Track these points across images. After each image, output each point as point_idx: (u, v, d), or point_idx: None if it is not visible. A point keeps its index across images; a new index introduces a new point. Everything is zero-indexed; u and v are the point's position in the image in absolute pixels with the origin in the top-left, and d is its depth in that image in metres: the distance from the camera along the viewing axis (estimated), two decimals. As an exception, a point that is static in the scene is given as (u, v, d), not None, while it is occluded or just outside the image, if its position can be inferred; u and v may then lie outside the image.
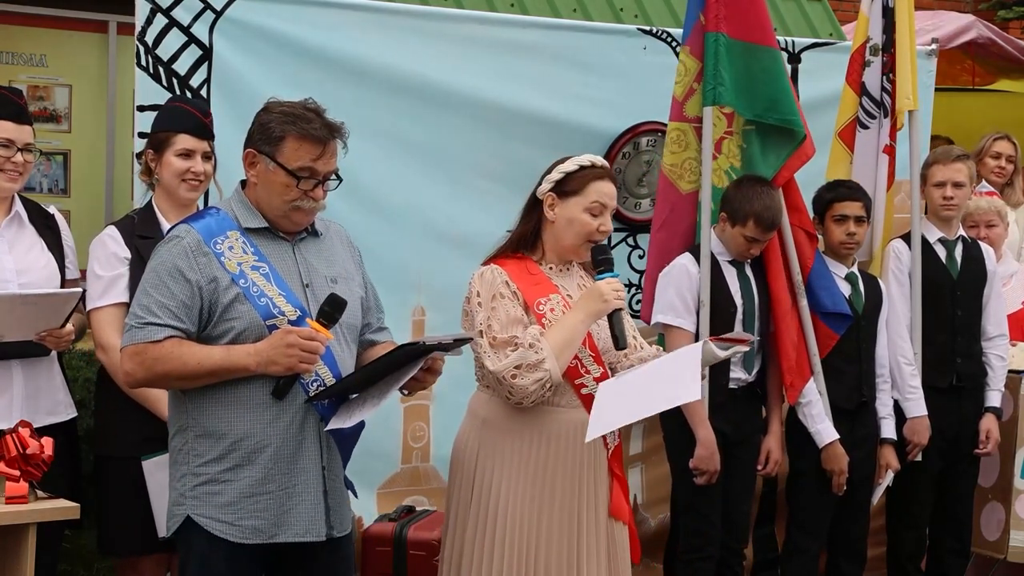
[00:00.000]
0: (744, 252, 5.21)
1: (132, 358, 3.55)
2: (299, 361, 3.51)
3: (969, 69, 10.08)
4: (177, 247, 3.58)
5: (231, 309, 3.56)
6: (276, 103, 3.69)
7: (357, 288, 3.79)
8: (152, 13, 4.98)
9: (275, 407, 3.58)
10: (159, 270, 3.57)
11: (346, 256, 3.80)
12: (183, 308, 3.53)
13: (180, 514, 3.62)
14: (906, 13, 5.75)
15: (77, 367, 5.11)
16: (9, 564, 3.95)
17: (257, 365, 3.52)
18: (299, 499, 3.61)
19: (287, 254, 3.68)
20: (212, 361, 3.51)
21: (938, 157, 5.78)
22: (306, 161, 3.60)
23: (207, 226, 3.63)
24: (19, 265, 4.40)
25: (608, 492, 4.06)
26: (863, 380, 5.48)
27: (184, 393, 3.62)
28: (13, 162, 4.38)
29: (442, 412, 5.44)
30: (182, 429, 3.64)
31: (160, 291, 3.54)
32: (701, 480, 5.07)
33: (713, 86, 5.31)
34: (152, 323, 3.52)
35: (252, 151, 3.65)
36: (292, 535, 3.61)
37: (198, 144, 4.53)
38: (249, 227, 3.65)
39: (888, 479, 5.57)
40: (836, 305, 5.42)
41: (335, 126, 3.65)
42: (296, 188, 3.60)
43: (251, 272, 3.59)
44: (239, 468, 3.58)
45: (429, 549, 4.82)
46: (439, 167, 5.50)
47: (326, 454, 3.67)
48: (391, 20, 5.44)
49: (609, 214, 4.03)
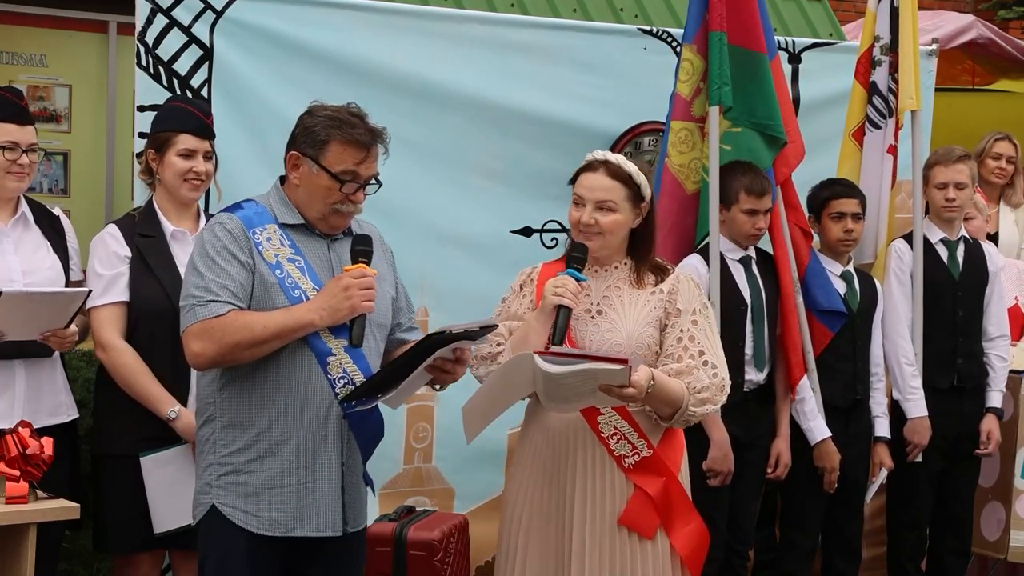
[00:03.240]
0: (750, 231, 5.20)
1: (199, 336, 3.59)
2: (361, 300, 3.59)
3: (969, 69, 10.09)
4: (222, 231, 3.65)
5: (267, 299, 3.62)
6: (320, 107, 3.74)
7: (388, 288, 3.84)
8: (152, 13, 4.98)
9: (300, 401, 3.63)
10: (210, 251, 3.62)
11: (379, 256, 3.83)
12: (239, 287, 3.60)
13: (205, 503, 3.69)
14: (910, 13, 5.75)
15: (77, 367, 5.10)
16: (9, 564, 3.95)
17: (321, 318, 3.59)
18: (318, 493, 3.66)
19: (322, 251, 3.74)
20: (276, 323, 3.57)
21: (940, 158, 5.77)
22: (349, 165, 3.65)
23: (247, 216, 3.69)
24: (24, 265, 4.40)
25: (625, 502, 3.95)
26: (857, 378, 5.49)
27: (213, 383, 3.68)
28: (19, 164, 4.40)
29: (445, 413, 5.44)
30: (210, 419, 3.70)
31: (215, 271, 3.59)
32: (715, 482, 5.06)
33: (719, 85, 5.31)
34: (212, 300, 3.57)
35: (296, 153, 3.70)
36: (310, 529, 3.66)
37: (200, 144, 4.54)
38: (286, 223, 3.71)
39: (881, 478, 5.57)
40: (831, 303, 5.42)
41: (378, 131, 3.72)
42: (339, 191, 3.66)
43: (287, 264, 3.66)
44: (262, 459, 3.64)
45: (429, 549, 4.82)
46: (439, 167, 5.49)
47: (346, 450, 3.71)
48: (391, 20, 5.43)
49: (592, 207, 3.97)
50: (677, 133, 5.42)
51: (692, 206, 5.44)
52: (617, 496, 3.96)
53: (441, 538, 4.86)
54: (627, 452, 3.97)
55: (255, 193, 3.88)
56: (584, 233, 3.99)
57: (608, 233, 3.99)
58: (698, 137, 5.41)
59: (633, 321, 3.98)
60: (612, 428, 3.96)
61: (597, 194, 3.98)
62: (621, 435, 3.96)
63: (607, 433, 3.96)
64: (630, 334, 3.96)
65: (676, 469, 4.04)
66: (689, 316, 4.00)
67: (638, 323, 3.98)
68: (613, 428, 3.96)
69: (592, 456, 3.97)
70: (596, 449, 3.96)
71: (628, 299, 4.00)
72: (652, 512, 3.97)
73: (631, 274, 4.04)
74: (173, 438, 4.42)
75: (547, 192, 5.54)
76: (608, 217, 3.98)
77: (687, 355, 3.96)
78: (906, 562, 5.78)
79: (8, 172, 4.39)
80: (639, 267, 4.05)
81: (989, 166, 7.03)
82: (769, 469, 5.29)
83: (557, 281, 3.88)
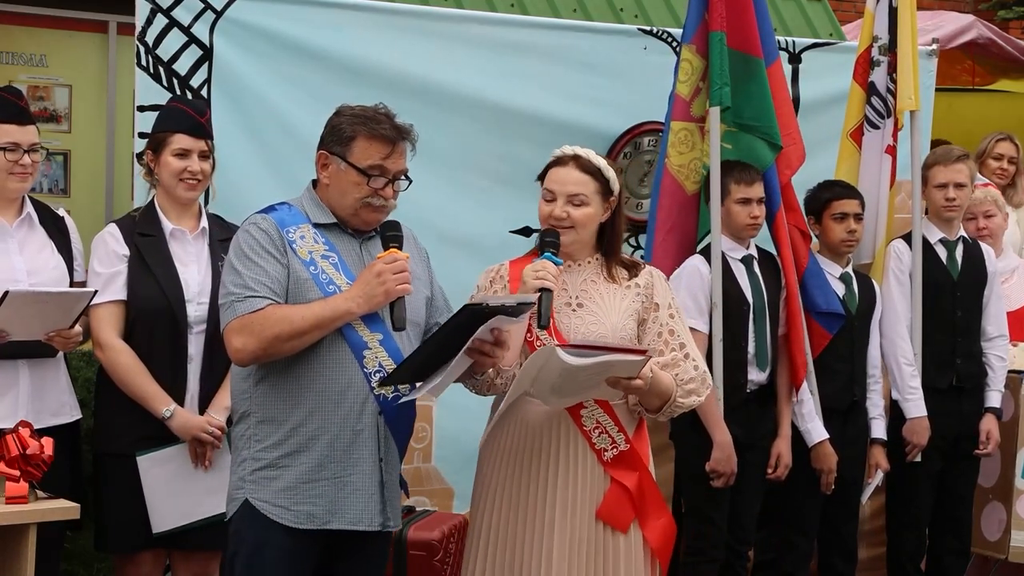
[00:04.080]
0: (746, 220, 5.21)
1: (240, 332, 3.62)
2: (396, 284, 3.63)
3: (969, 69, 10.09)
4: (257, 231, 3.70)
5: (301, 295, 3.65)
6: (347, 107, 3.80)
7: (423, 287, 3.88)
8: (152, 13, 4.98)
9: (334, 396, 3.65)
10: (246, 251, 3.67)
11: (414, 256, 3.85)
12: (276, 283, 3.64)
13: (239, 498, 3.72)
14: (908, 13, 5.75)
15: (77, 367, 5.10)
16: (9, 564, 3.95)
17: (359, 306, 3.63)
18: (353, 487, 3.69)
19: (354, 250, 3.78)
20: (314, 313, 3.61)
21: (939, 158, 5.77)
22: (376, 160, 3.70)
23: (280, 217, 3.75)
24: (29, 266, 4.41)
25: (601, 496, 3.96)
26: (855, 380, 5.49)
27: (247, 380, 3.71)
28: (21, 164, 4.40)
29: (444, 413, 5.44)
30: (245, 415, 3.74)
31: (252, 269, 3.64)
32: (719, 483, 5.07)
33: (719, 86, 5.31)
34: (251, 296, 3.61)
35: (324, 152, 3.76)
36: (345, 522, 3.69)
37: (194, 143, 4.54)
38: (319, 223, 3.75)
39: (878, 479, 5.58)
40: (830, 304, 5.42)
41: (404, 128, 3.76)
42: (367, 186, 3.71)
43: (321, 261, 3.71)
44: (296, 454, 3.66)
45: (429, 549, 4.82)
46: (439, 167, 5.48)
47: (383, 446, 3.73)
48: (391, 20, 5.44)
49: (564, 201, 3.97)
50: (677, 133, 5.42)
51: (692, 206, 5.44)
52: (594, 489, 3.96)
53: (441, 538, 4.86)
54: (607, 446, 3.97)
55: (255, 193, 3.91)
56: (555, 227, 3.99)
57: (580, 227, 4.00)
58: (698, 137, 5.41)
59: (616, 313, 3.99)
60: (595, 422, 3.96)
61: (568, 188, 3.99)
62: (603, 428, 3.97)
63: (589, 427, 3.96)
64: (614, 326, 3.97)
65: (647, 462, 4.07)
66: (666, 310, 4.06)
67: (620, 315, 4.00)
68: (595, 422, 3.96)
69: (571, 449, 3.95)
70: (576, 442, 3.95)
71: (605, 292, 4.01)
72: (628, 506, 3.99)
73: (602, 268, 4.05)
74: (173, 437, 4.42)
75: (547, 192, 5.53)
76: (579, 211, 3.99)
77: (668, 349, 4.01)
78: (906, 562, 5.78)
79: (10, 173, 4.39)
80: (609, 262, 4.06)
81: (991, 167, 7.03)
82: (769, 469, 5.29)
83: (536, 265, 3.87)
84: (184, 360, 4.44)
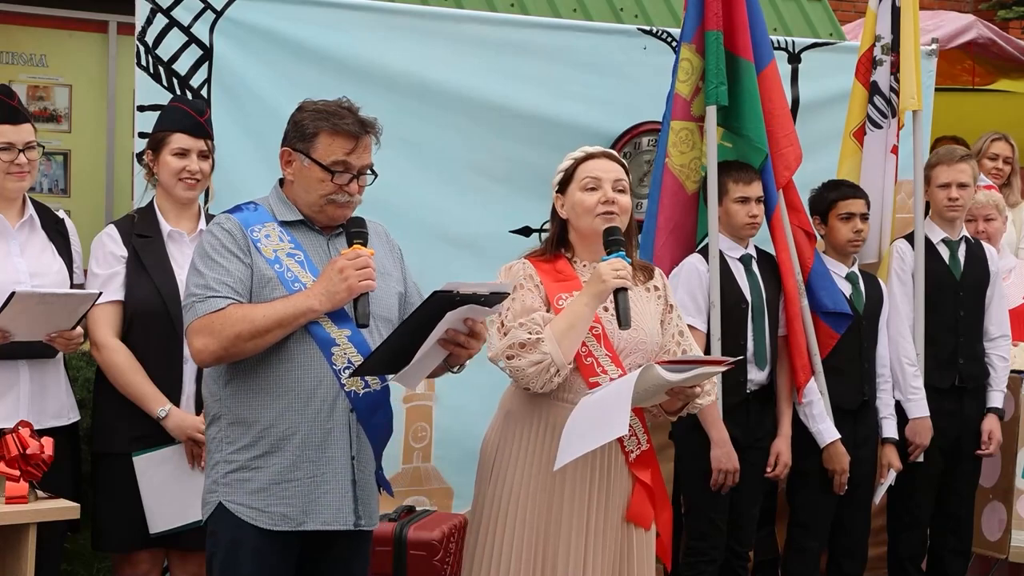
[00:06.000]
0: (745, 219, 5.21)
1: (201, 332, 3.59)
2: (358, 280, 3.58)
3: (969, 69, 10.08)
4: (220, 231, 3.67)
5: (266, 294, 3.62)
6: (310, 102, 3.76)
7: (395, 284, 3.84)
8: (152, 13, 4.98)
9: (303, 394, 3.61)
10: (209, 251, 3.64)
11: (384, 252, 3.84)
12: (239, 283, 3.61)
13: (213, 501, 3.69)
14: (911, 13, 5.75)
15: (77, 367, 5.11)
16: (9, 564, 3.95)
17: (321, 303, 3.59)
18: (327, 487, 3.65)
19: (321, 247, 3.74)
20: (276, 311, 3.57)
21: (942, 158, 5.77)
22: (339, 155, 3.67)
23: (245, 216, 3.72)
24: (32, 268, 4.41)
25: (627, 497, 4.00)
26: (864, 380, 5.48)
27: (217, 382, 3.68)
28: (17, 164, 4.39)
29: (444, 412, 5.44)
30: (216, 418, 3.71)
31: (214, 269, 3.61)
32: (723, 481, 5.07)
33: (715, 85, 5.31)
34: (212, 296, 3.58)
35: (287, 149, 3.73)
36: (320, 522, 3.66)
37: (193, 143, 4.54)
38: (285, 220, 3.73)
39: (890, 479, 5.57)
40: (836, 304, 5.42)
41: (368, 122, 3.73)
42: (331, 182, 3.67)
43: (287, 259, 3.67)
44: (268, 455, 3.63)
45: (429, 549, 4.82)
46: (439, 167, 5.49)
47: (356, 444, 3.70)
48: (391, 20, 5.44)
49: (610, 187, 3.94)
50: (677, 133, 5.42)
51: (693, 206, 5.44)
52: (621, 489, 3.99)
53: (441, 538, 4.86)
54: (633, 447, 4.01)
55: (255, 192, 3.89)
56: (606, 214, 3.94)
57: (624, 213, 3.97)
58: (698, 137, 5.41)
59: (648, 318, 4.01)
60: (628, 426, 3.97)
61: (613, 174, 3.98)
62: (633, 431, 3.99)
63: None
64: (649, 331, 3.99)
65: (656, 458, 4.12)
66: (676, 312, 4.11)
67: (651, 320, 4.02)
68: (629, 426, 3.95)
69: (606, 454, 3.96)
70: (611, 447, 3.95)
71: (636, 297, 3.99)
72: (649, 504, 4.03)
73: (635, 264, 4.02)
74: (169, 438, 4.42)
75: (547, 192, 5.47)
76: (624, 198, 3.97)
77: (680, 349, 4.04)
78: (907, 562, 5.78)
79: (7, 173, 4.38)
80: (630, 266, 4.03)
81: (986, 166, 7.03)
82: (768, 468, 5.29)
83: (616, 264, 3.81)
84: (180, 361, 4.44)
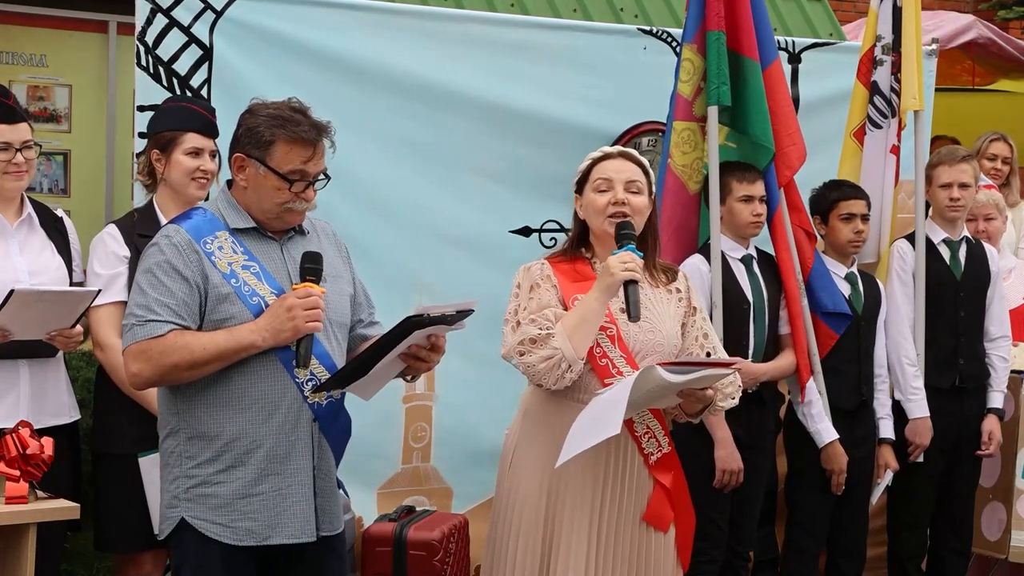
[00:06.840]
0: (749, 218, 5.21)
1: (137, 357, 3.51)
2: (305, 321, 3.49)
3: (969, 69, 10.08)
4: (169, 246, 3.56)
5: (223, 308, 3.54)
6: (261, 105, 3.67)
7: (346, 286, 3.78)
8: (152, 13, 4.98)
9: (267, 407, 3.55)
10: (154, 269, 3.54)
11: (333, 253, 3.78)
12: (183, 305, 3.51)
13: (174, 516, 3.59)
14: (913, 13, 5.75)
15: (77, 367, 5.11)
16: (9, 564, 3.95)
17: (264, 340, 3.50)
18: (292, 500, 3.59)
19: (275, 253, 3.66)
20: (216, 344, 3.48)
21: (943, 158, 5.77)
22: (297, 164, 3.57)
23: (196, 226, 3.60)
24: (31, 267, 4.40)
25: (646, 499, 3.98)
26: (862, 380, 5.48)
27: (175, 395, 3.59)
28: (14, 163, 4.38)
29: (444, 412, 5.44)
30: (173, 432, 3.61)
31: (158, 289, 3.51)
32: (728, 482, 5.07)
33: (716, 85, 5.31)
34: (153, 320, 3.49)
35: (241, 156, 3.62)
36: (285, 536, 3.59)
37: (206, 143, 4.56)
38: (237, 227, 3.63)
39: (887, 479, 5.57)
40: (836, 305, 5.42)
41: (322, 126, 3.63)
42: (288, 191, 3.58)
43: (242, 271, 3.57)
44: (232, 469, 3.55)
45: (429, 549, 4.82)
46: (439, 167, 5.49)
47: (318, 454, 3.64)
48: (391, 20, 5.44)
49: (622, 188, 3.92)
50: (680, 133, 5.41)
51: (695, 206, 5.44)
52: (640, 492, 3.98)
53: (441, 538, 4.86)
54: (653, 450, 4.00)
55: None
56: (617, 214, 3.92)
57: (637, 214, 3.94)
58: (700, 137, 5.40)
59: (667, 320, 3.99)
60: (645, 427, 3.98)
61: (626, 175, 3.96)
62: (652, 433, 3.99)
63: (640, 432, 3.97)
64: (667, 333, 3.97)
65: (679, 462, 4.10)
66: (701, 314, 4.08)
67: (671, 322, 4.00)
68: (646, 427, 3.98)
69: (621, 454, 3.96)
70: (627, 447, 3.95)
71: (655, 298, 3.99)
72: (668, 506, 4.03)
73: (645, 273, 3.97)
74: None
75: (546, 192, 5.54)
76: (637, 198, 3.95)
77: (703, 352, 4.03)
78: (907, 562, 5.78)
79: (5, 172, 4.38)
80: (648, 265, 4.01)
81: (985, 167, 7.01)
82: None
83: (624, 257, 3.78)
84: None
